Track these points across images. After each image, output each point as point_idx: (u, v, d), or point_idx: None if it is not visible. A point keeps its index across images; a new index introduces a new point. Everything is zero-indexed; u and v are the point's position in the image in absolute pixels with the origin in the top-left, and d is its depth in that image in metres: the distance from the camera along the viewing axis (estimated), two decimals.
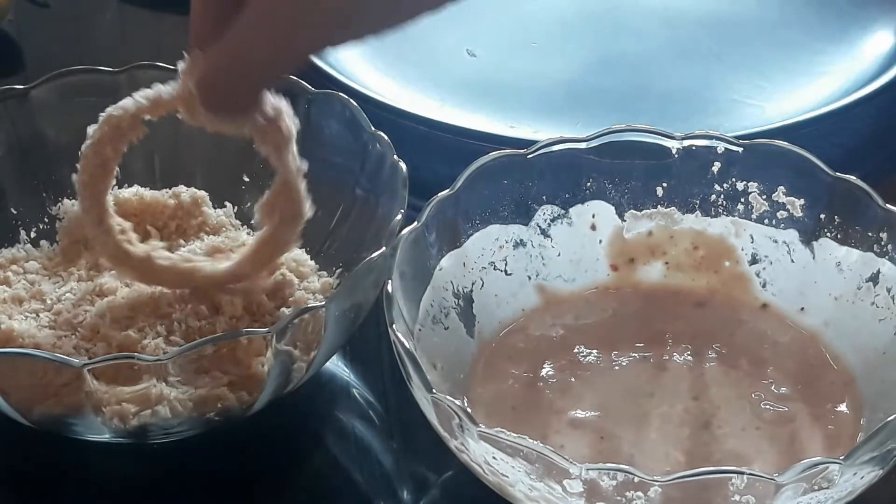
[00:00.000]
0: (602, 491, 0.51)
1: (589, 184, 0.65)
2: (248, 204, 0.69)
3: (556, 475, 0.51)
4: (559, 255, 0.65)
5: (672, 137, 0.64)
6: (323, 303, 0.57)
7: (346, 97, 0.68)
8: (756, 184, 0.64)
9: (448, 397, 0.53)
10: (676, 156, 0.64)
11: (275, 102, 0.57)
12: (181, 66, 0.56)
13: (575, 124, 0.77)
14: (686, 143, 0.64)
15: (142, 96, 0.59)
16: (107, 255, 0.62)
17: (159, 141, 0.66)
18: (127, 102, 0.59)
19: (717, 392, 0.60)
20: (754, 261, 0.65)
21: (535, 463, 0.51)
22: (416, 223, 0.60)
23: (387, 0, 0.51)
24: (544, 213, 0.65)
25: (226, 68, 0.53)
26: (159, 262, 0.61)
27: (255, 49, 0.52)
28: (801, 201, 0.63)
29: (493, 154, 0.63)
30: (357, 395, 0.66)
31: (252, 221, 0.65)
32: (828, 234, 0.63)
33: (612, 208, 0.65)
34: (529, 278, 0.65)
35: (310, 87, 0.68)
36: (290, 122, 0.58)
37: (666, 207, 0.65)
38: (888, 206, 0.61)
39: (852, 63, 0.82)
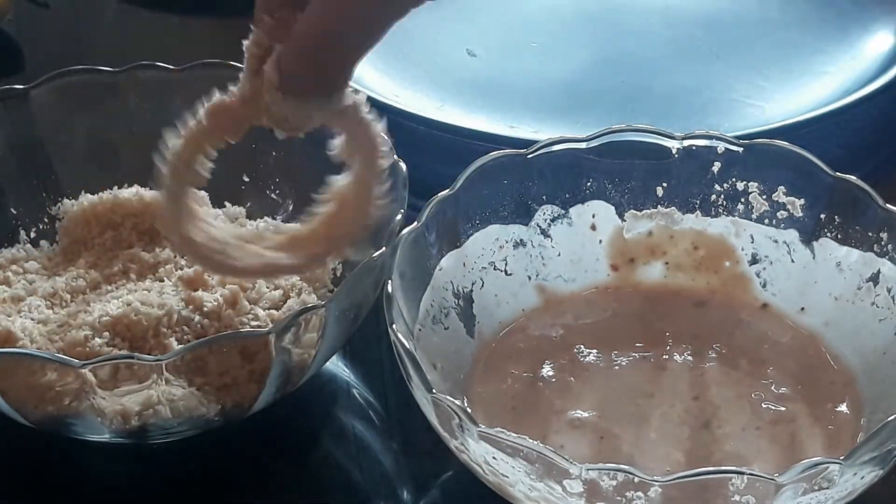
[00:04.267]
0: (602, 491, 0.51)
1: (589, 184, 0.65)
2: (249, 204, 0.69)
3: (556, 475, 0.51)
4: (559, 255, 0.65)
5: (672, 137, 0.64)
6: (323, 303, 0.57)
7: None
8: (756, 184, 0.64)
9: (448, 397, 0.53)
10: (676, 156, 0.64)
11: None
12: (248, 44, 0.52)
13: (575, 124, 0.77)
14: (686, 143, 0.64)
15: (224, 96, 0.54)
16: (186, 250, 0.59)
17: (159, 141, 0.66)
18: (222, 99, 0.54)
19: (717, 392, 0.60)
20: (754, 261, 0.65)
21: (535, 463, 0.51)
22: (416, 223, 0.60)
23: None
24: (544, 213, 0.65)
25: (317, 40, 0.50)
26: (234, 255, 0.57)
27: (345, 18, 0.49)
28: (802, 201, 0.63)
29: (493, 154, 0.63)
30: (357, 395, 0.66)
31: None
32: (828, 234, 0.63)
33: (612, 208, 0.65)
34: (529, 278, 0.65)
35: None
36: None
37: (666, 207, 0.65)
38: (888, 206, 0.61)
39: (852, 63, 0.82)
